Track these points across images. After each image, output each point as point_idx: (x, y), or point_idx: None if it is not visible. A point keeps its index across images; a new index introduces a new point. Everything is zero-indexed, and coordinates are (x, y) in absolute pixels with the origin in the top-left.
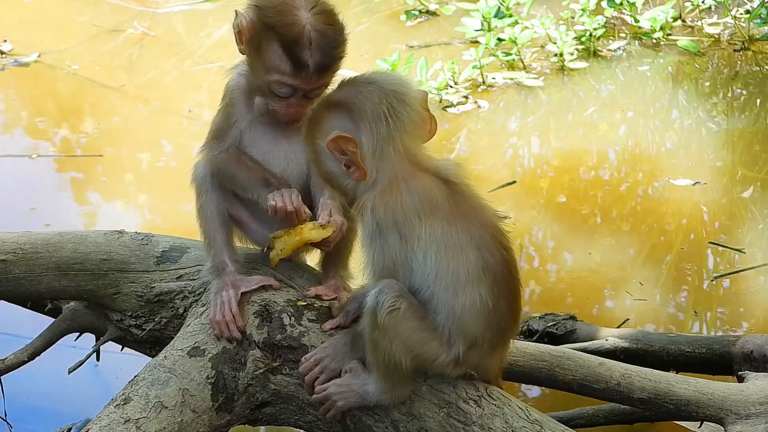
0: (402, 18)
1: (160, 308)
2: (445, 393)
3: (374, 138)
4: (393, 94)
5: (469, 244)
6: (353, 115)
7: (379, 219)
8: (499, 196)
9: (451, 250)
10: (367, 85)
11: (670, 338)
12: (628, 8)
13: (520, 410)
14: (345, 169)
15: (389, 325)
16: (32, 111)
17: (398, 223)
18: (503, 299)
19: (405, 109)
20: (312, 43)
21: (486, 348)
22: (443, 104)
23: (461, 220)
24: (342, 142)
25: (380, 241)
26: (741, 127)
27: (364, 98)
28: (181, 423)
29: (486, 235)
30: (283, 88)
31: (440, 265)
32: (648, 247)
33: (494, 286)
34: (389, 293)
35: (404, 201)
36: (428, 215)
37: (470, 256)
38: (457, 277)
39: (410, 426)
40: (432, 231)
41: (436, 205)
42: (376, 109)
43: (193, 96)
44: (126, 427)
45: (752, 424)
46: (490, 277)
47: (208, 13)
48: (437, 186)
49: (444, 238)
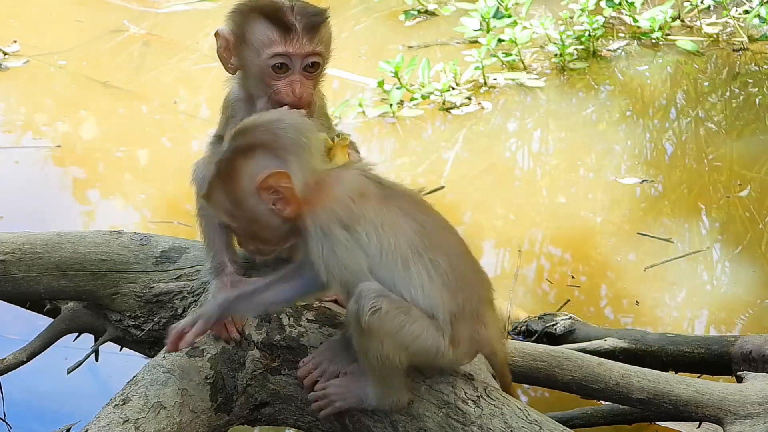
0: (401, 18)
1: (159, 308)
2: (444, 393)
3: (302, 167)
4: (301, 126)
5: (403, 216)
6: (276, 152)
7: (320, 223)
8: (499, 196)
9: (389, 227)
10: (275, 123)
11: (669, 338)
12: (627, 8)
13: (519, 410)
14: (274, 209)
15: (375, 327)
16: (32, 111)
17: (338, 216)
18: (455, 258)
19: (314, 136)
20: (294, 8)
21: (470, 314)
22: (446, 105)
23: (390, 199)
24: (275, 179)
25: (330, 242)
26: (740, 126)
27: (282, 134)
28: (180, 423)
29: (414, 204)
30: (277, 60)
31: (383, 243)
32: (646, 247)
33: (438, 248)
34: (368, 295)
35: (336, 195)
36: (360, 199)
37: (406, 226)
38: (401, 250)
39: (409, 426)
40: (368, 212)
41: (364, 189)
42: (297, 141)
43: (193, 96)
44: (125, 427)
45: (751, 424)
46: (431, 240)
47: (208, 13)
48: (360, 176)
49: (380, 217)
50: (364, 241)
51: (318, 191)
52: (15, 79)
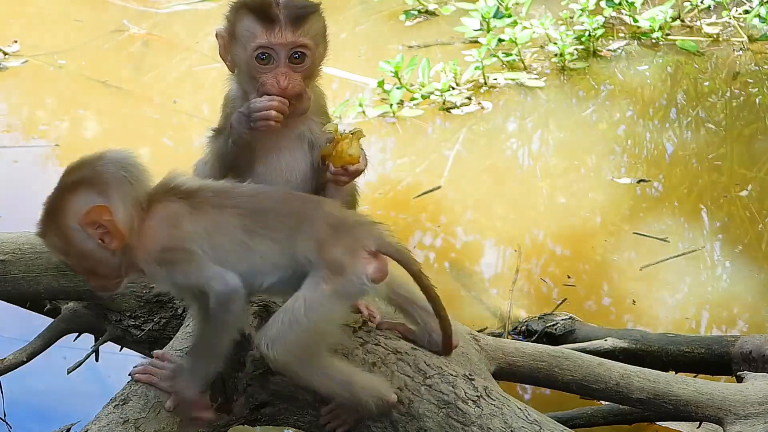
0: (401, 18)
1: (159, 308)
2: (444, 393)
3: (124, 201)
4: (123, 161)
5: (220, 212)
6: (97, 188)
7: (150, 253)
8: (499, 196)
9: (213, 228)
10: (97, 160)
11: (669, 338)
12: (627, 8)
13: (519, 410)
14: (100, 244)
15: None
16: (32, 110)
17: (164, 243)
18: (282, 206)
19: (137, 170)
20: (281, 2)
21: (328, 236)
22: (446, 105)
23: (203, 205)
24: (96, 213)
25: (167, 268)
26: (740, 126)
27: (102, 170)
28: (180, 423)
29: (226, 194)
30: (260, 52)
31: (216, 245)
32: (646, 247)
33: (263, 213)
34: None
35: (157, 223)
36: (178, 220)
37: (228, 218)
38: (236, 240)
39: (409, 426)
40: (189, 228)
41: (179, 209)
42: (117, 175)
43: (193, 96)
44: (125, 427)
45: (751, 424)
46: (254, 212)
47: (208, 13)
48: (177, 202)
49: (201, 225)
50: (199, 254)
51: (141, 222)
52: (15, 79)
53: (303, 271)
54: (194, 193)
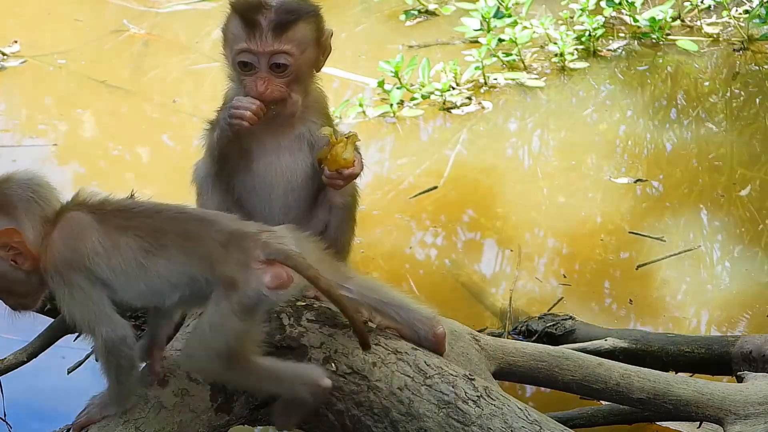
0: (401, 18)
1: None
2: (444, 393)
3: (32, 221)
4: (30, 182)
5: (122, 232)
6: (5, 210)
7: (56, 270)
8: (499, 196)
9: (114, 248)
10: (4, 183)
11: (669, 338)
12: (627, 8)
13: (519, 410)
14: (13, 265)
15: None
16: (31, 110)
17: (68, 261)
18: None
19: (45, 190)
20: (266, 6)
21: (220, 251)
22: (446, 105)
23: (107, 223)
24: (6, 236)
25: (68, 287)
26: (740, 126)
27: (9, 192)
28: (180, 423)
29: (130, 213)
30: (243, 57)
31: (114, 265)
32: (647, 248)
33: (160, 233)
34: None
35: (62, 241)
36: (82, 238)
37: (128, 239)
38: (133, 259)
39: (409, 426)
40: (91, 247)
41: (84, 227)
42: (24, 197)
43: (193, 95)
44: (125, 427)
45: (751, 424)
46: (153, 232)
47: (208, 13)
48: (80, 214)
49: (103, 245)
50: (100, 272)
51: (49, 240)
52: (14, 79)
53: (203, 290)
54: (100, 208)
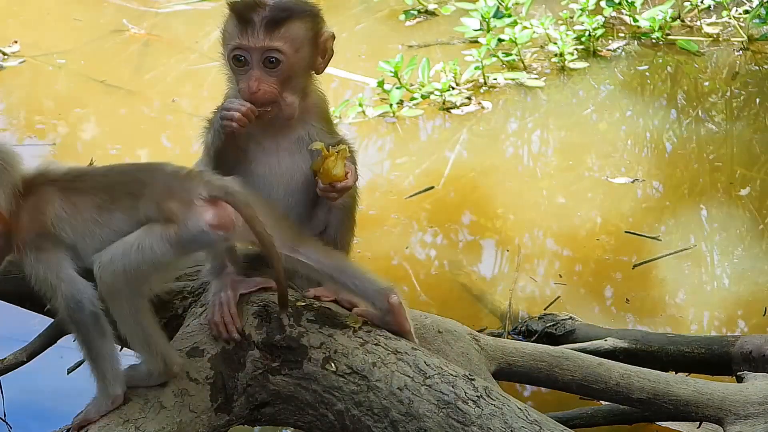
0: (401, 18)
1: (159, 308)
2: (444, 393)
3: (2, 186)
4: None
5: (80, 194)
6: None
7: (25, 235)
8: (499, 196)
9: (76, 211)
10: None
11: (669, 338)
12: (627, 8)
13: (519, 410)
14: None
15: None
16: (31, 110)
17: (36, 227)
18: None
19: (11, 156)
20: (261, 5)
21: (166, 195)
22: (446, 105)
23: (69, 191)
24: None
25: (36, 253)
26: (740, 126)
27: None
28: (180, 423)
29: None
30: (236, 53)
31: (78, 227)
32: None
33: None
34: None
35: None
36: (48, 205)
37: (87, 200)
38: (91, 218)
39: (409, 426)
40: (56, 212)
41: (48, 195)
42: None
43: (193, 95)
44: (125, 427)
45: (751, 424)
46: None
47: (208, 13)
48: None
49: (66, 209)
50: (65, 236)
51: (18, 209)
52: (14, 78)
53: None
54: (63, 177)
